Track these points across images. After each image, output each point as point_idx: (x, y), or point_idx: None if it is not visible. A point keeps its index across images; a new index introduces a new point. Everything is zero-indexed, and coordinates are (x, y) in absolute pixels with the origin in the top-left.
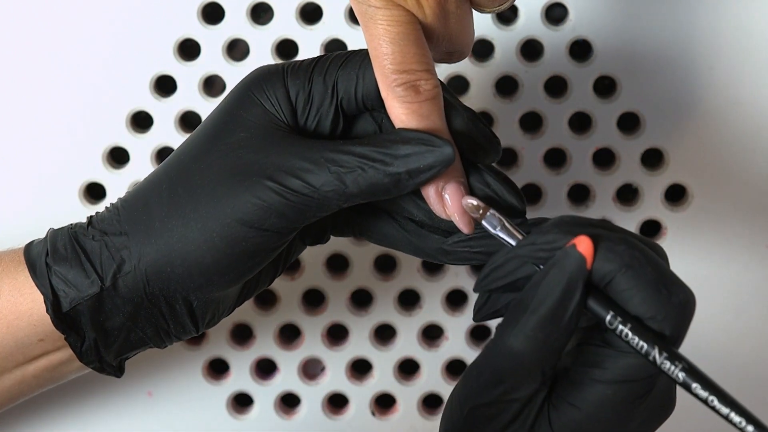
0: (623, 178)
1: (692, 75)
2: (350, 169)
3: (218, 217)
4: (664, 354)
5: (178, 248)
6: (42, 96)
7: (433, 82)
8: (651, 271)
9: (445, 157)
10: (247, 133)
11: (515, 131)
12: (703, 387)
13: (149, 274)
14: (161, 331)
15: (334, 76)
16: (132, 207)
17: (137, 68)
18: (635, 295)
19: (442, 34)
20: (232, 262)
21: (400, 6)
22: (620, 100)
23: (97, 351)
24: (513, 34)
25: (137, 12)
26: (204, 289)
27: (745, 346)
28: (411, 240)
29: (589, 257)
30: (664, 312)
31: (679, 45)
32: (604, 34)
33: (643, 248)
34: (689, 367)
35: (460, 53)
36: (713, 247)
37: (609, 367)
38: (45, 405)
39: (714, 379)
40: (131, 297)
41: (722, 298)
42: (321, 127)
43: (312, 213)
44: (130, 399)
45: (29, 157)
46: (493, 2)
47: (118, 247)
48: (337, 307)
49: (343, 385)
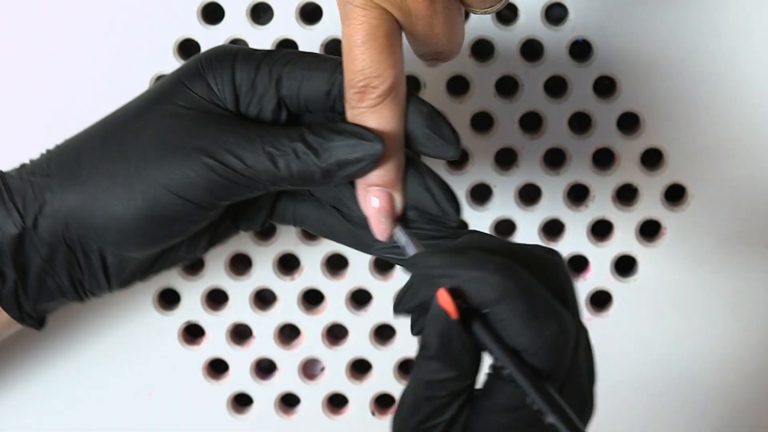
0: (623, 178)
1: (692, 75)
2: (284, 152)
3: (145, 179)
4: (529, 387)
5: (102, 200)
6: (42, 96)
7: (380, 91)
8: (522, 303)
9: (374, 152)
10: (187, 105)
11: (515, 131)
12: (563, 425)
13: (69, 219)
14: (76, 281)
15: (280, 71)
16: (63, 153)
17: (137, 68)
18: (508, 326)
19: (429, 35)
20: (150, 224)
21: (379, 7)
22: (620, 100)
23: (16, 296)
24: (513, 34)
25: (137, 12)
26: (120, 246)
27: (745, 346)
28: (352, 230)
29: (450, 310)
30: (536, 345)
31: (679, 45)
32: (604, 34)
33: (519, 277)
34: (551, 406)
35: (448, 53)
36: (713, 247)
37: (496, 395)
38: (45, 405)
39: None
40: (50, 240)
41: (722, 298)
42: (262, 115)
43: (239, 191)
44: (130, 399)
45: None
46: (484, 3)
47: (42, 188)
48: (337, 307)
49: (343, 384)
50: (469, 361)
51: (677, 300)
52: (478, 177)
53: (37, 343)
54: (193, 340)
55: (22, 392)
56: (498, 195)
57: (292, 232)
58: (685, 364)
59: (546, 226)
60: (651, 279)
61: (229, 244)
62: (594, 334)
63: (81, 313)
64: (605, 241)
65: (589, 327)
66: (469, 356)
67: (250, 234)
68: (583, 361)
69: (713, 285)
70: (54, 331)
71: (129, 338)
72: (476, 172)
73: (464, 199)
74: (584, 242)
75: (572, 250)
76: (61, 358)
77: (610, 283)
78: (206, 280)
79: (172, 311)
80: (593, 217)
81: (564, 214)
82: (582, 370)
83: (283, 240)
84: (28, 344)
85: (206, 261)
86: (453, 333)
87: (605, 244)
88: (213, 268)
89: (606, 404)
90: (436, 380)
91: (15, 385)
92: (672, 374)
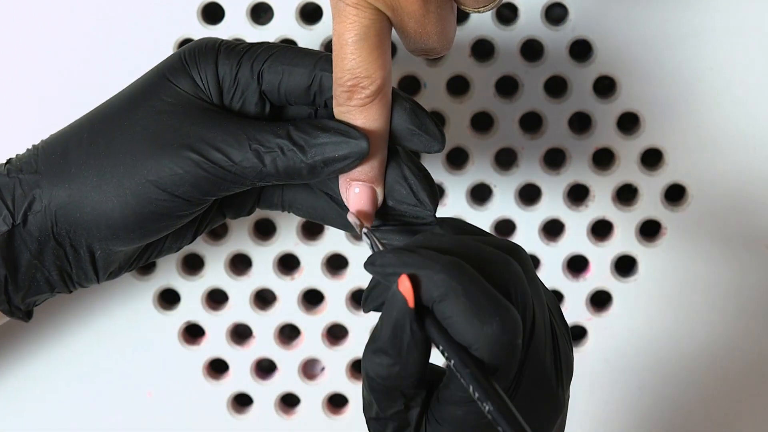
0: (623, 178)
1: (692, 75)
2: (270, 149)
3: (133, 176)
4: (472, 385)
5: (91, 197)
6: (42, 96)
7: (369, 91)
8: (465, 301)
9: (360, 149)
10: (173, 100)
11: (515, 131)
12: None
13: (58, 215)
14: (65, 274)
15: (261, 65)
16: (50, 149)
17: (137, 68)
18: (452, 324)
19: (420, 33)
20: (139, 220)
21: (372, 7)
22: (620, 100)
23: (6, 290)
24: (513, 34)
25: (137, 12)
26: (108, 241)
27: (746, 346)
28: (341, 213)
29: (409, 297)
30: (478, 342)
31: (679, 45)
32: (604, 34)
33: (463, 275)
34: (494, 403)
35: (440, 50)
36: (713, 247)
37: (452, 387)
38: (45, 405)
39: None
40: (39, 235)
41: (722, 298)
42: (245, 109)
43: (226, 187)
44: (130, 399)
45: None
46: (477, 2)
47: (31, 185)
48: (337, 307)
49: (343, 385)
50: (416, 357)
51: (677, 300)
52: (478, 177)
53: (37, 343)
54: (193, 340)
55: (21, 392)
56: (498, 195)
57: (293, 232)
58: (685, 364)
59: (546, 226)
60: (651, 279)
61: (229, 244)
62: (594, 334)
63: (81, 313)
64: (605, 241)
65: (588, 327)
66: (417, 353)
67: (251, 234)
68: (544, 355)
69: (713, 285)
70: (54, 331)
71: (129, 338)
72: (476, 172)
73: (464, 199)
74: (584, 242)
75: (572, 250)
76: (61, 358)
77: (610, 283)
78: (206, 280)
79: (172, 311)
80: (593, 217)
81: (564, 214)
82: (543, 364)
83: (283, 240)
84: (27, 344)
85: (206, 261)
86: (406, 324)
87: (605, 244)
88: (213, 268)
89: (606, 404)
90: (382, 375)
91: (14, 385)
92: (672, 374)
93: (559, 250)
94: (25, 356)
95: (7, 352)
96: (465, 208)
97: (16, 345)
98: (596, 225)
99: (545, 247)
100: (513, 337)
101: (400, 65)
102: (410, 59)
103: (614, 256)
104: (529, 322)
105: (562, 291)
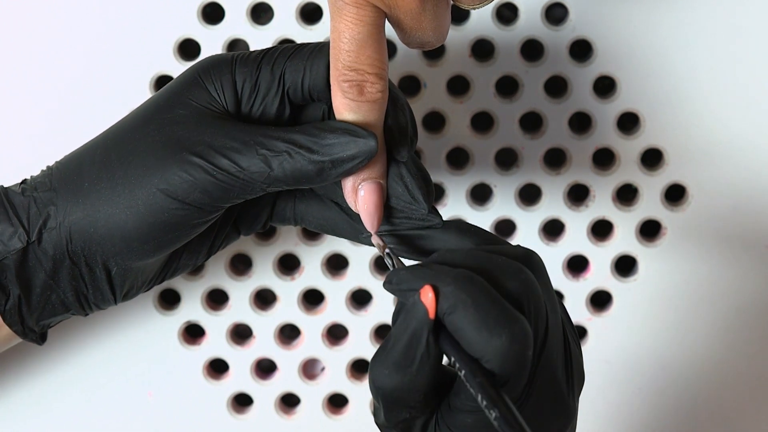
0: (623, 178)
1: (692, 75)
2: (277, 153)
3: (145, 186)
4: (481, 394)
5: (104, 210)
6: (42, 97)
7: (380, 86)
8: (473, 313)
9: (368, 148)
10: (185, 111)
11: (515, 131)
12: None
13: (73, 232)
14: (81, 295)
15: (281, 66)
16: (65, 168)
17: (138, 68)
18: (463, 336)
19: (416, 28)
20: (153, 231)
21: (370, 5)
22: (620, 100)
23: (19, 311)
24: (513, 34)
25: (137, 12)
26: (124, 256)
27: (746, 346)
28: (352, 224)
29: (431, 308)
30: (487, 353)
31: (679, 45)
32: (604, 34)
33: (473, 287)
34: (501, 413)
35: (435, 43)
36: (713, 247)
37: (462, 395)
38: (45, 405)
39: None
40: (54, 254)
41: (722, 298)
42: (266, 115)
43: (236, 193)
44: (130, 399)
45: (30, 160)
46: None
47: (45, 202)
48: (337, 307)
49: (343, 385)
50: (426, 371)
51: (677, 300)
52: (478, 177)
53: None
54: (193, 340)
55: (22, 393)
56: (498, 195)
57: (293, 232)
58: (685, 364)
59: (546, 226)
60: (651, 279)
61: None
62: (594, 334)
63: None
64: (605, 241)
65: (589, 327)
66: (428, 366)
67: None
68: (556, 364)
69: (713, 285)
70: (54, 331)
71: (129, 338)
72: (476, 172)
73: (464, 199)
74: (584, 242)
75: (572, 250)
76: (61, 358)
77: (610, 283)
78: (206, 280)
79: (172, 311)
80: (593, 217)
81: (564, 214)
82: (555, 374)
83: (283, 240)
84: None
85: (206, 261)
86: (423, 335)
87: (605, 244)
88: (213, 268)
89: (606, 404)
90: (390, 387)
91: (15, 385)
92: (672, 374)
93: (560, 250)
94: (24, 356)
95: (5, 351)
96: (465, 208)
97: (16, 346)
98: (596, 225)
99: (545, 247)
100: (523, 349)
101: (400, 65)
102: (410, 59)
103: (614, 256)
104: (542, 332)
105: (563, 291)
